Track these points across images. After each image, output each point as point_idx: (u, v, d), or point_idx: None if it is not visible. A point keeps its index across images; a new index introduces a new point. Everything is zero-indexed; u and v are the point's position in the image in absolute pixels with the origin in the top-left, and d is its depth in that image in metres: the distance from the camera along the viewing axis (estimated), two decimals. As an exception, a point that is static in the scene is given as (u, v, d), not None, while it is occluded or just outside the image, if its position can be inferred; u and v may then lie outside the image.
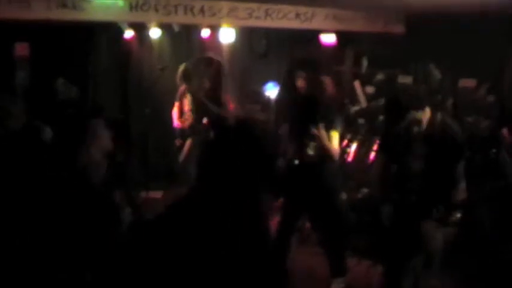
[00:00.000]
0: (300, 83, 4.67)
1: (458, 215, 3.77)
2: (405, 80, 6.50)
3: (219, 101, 5.81)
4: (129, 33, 7.86)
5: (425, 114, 3.54)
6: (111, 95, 7.90)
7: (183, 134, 6.62)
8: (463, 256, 4.78)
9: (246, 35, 7.77)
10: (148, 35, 7.90)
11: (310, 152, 4.39)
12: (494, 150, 4.88)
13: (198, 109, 5.91)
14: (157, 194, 7.33)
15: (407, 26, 6.80)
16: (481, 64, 5.97)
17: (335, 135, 4.45)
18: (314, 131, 4.30)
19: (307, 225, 5.97)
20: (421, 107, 3.55)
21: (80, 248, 3.00)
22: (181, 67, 6.53)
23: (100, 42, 7.75)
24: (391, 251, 3.91)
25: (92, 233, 3.08)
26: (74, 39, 7.47)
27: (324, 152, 4.39)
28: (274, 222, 4.82)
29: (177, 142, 6.68)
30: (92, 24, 6.81)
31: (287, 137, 4.54)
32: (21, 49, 7.45)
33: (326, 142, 4.35)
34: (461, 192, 3.55)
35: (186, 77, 6.46)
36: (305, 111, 4.40)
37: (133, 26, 7.54)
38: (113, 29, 7.63)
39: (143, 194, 6.94)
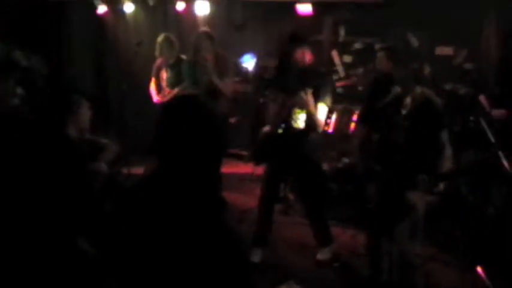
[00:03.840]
0: (299, 56, 4.53)
1: (442, 186, 3.83)
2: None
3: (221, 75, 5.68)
4: (102, 9, 7.72)
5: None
6: (88, 72, 7.79)
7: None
8: (445, 223, 4.91)
9: (222, 7, 7.68)
10: (122, 10, 7.77)
11: (296, 124, 4.41)
12: (472, 118, 4.96)
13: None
14: (139, 170, 7.31)
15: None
16: (459, 31, 6.04)
17: (322, 108, 4.45)
18: (302, 94, 4.26)
19: (291, 196, 6.08)
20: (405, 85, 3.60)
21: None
22: (160, 37, 6.42)
23: (73, 19, 7.58)
24: (376, 220, 3.98)
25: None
26: (47, 15, 7.29)
27: (309, 121, 4.39)
28: (256, 191, 4.88)
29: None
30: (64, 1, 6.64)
31: (275, 108, 4.50)
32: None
33: (313, 109, 4.37)
34: (446, 161, 3.59)
35: (166, 47, 6.35)
36: (300, 83, 4.36)
37: (106, 1, 7.39)
38: (85, 5, 7.47)
39: (124, 170, 6.91)
